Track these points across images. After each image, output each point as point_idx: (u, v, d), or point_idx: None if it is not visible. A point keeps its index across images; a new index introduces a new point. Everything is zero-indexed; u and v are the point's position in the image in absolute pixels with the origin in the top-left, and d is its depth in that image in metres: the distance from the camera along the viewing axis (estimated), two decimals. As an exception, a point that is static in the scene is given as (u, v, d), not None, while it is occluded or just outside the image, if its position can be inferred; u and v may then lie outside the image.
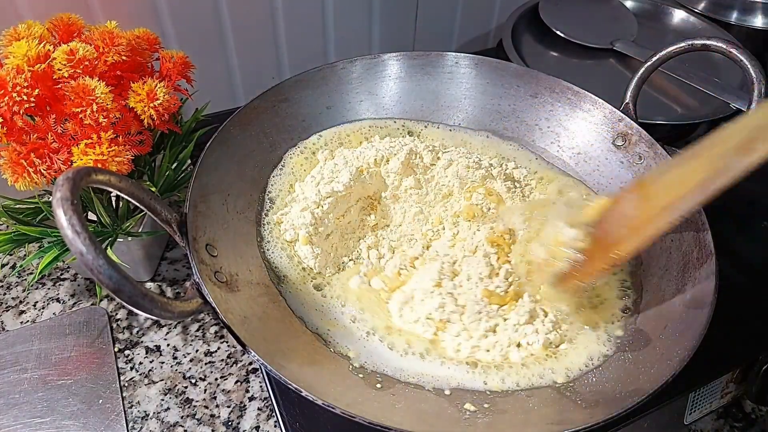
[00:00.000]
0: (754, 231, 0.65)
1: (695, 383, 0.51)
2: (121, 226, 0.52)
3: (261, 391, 0.52)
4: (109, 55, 0.46)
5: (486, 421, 0.41)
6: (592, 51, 0.82)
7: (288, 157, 0.58)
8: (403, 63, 0.64)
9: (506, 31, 0.80)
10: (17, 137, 0.43)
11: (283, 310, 0.47)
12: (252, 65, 0.78)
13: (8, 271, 0.61)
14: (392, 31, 0.85)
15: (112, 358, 0.54)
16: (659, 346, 0.43)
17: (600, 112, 0.59)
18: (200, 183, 0.48)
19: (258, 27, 0.75)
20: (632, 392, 0.39)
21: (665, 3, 0.89)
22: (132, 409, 0.51)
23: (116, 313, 0.58)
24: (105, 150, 0.43)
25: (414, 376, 0.45)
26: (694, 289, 0.45)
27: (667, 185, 0.41)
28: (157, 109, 0.47)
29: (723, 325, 0.43)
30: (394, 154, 0.56)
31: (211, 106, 0.62)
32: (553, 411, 0.41)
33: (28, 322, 0.57)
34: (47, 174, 0.43)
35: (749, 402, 0.56)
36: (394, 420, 0.38)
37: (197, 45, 0.72)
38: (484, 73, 0.64)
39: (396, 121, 0.64)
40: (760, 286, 0.60)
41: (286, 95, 0.60)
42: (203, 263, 0.43)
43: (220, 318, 0.39)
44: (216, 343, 0.56)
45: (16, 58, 0.43)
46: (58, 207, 0.30)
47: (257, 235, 0.52)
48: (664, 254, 0.50)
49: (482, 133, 0.63)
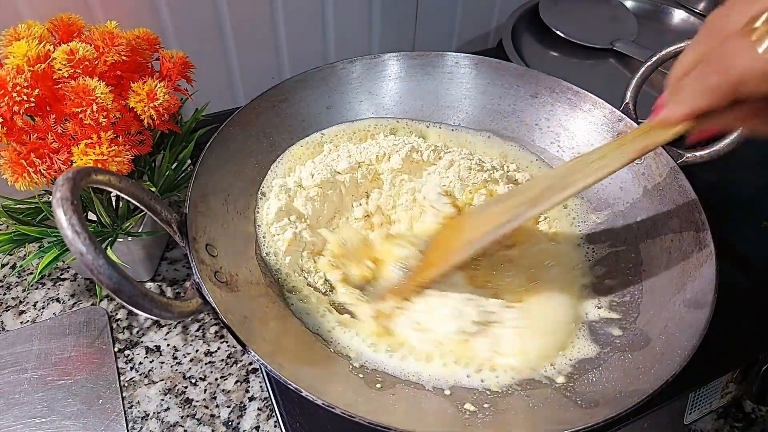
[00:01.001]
0: (754, 231, 0.65)
1: (695, 383, 0.51)
2: (121, 226, 0.52)
3: (261, 391, 0.52)
4: (109, 55, 0.46)
5: (486, 421, 0.41)
6: (592, 51, 0.82)
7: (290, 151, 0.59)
8: (403, 63, 0.64)
9: (506, 31, 0.80)
10: (17, 137, 0.43)
11: (283, 310, 0.47)
12: (252, 65, 0.78)
13: (8, 271, 0.61)
14: (392, 31, 0.85)
15: (112, 358, 0.54)
16: (659, 346, 0.43)
17: (600, 112, 0.59)
18: (200, 183, 0.48)
19: (258, 27, 0.75)
20: (632, 392, 0.39)
21: (665, 3, 0.89)
22: (132, 409, 0.51)
23: (116, 313, 0.58)
24: (105, 150, 0.43)
25: (414, 374, 0.45)
26: (694, 289, 0.45)
27: (474, 222, 0.49)
28: (157, 109, 0.47)
29: (723, 325, 0.43)
30: (396, 151, 0.57)
31: (211, 106, 0.62)
32: (553, 411, 0.41)
33: (28, 322, 0.57)
34: (47, 174, 0.43)
35: (749, 402, 0.56)
36: (394, 420, 0.38)
37: (197, 45, 0.72)
38: (484, 73, 0.64)
39: (399, 120, 0.64)
40: (760, 286, 0.60)
41: (286, 95, 0.60)
42: (203, 263, 0.43)
43: (220, 318, 0.39)
44: (216, 343, 0.56)
45: (16, 58, 0.43)
46: (58, 207, 0.30)
47: (257, 235, 0.52)
48: (664, 254, 0.50)
49: (483, 134, 0.63)
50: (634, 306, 0.48)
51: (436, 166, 0.58)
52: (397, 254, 0.53)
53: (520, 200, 0.46)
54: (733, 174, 0.69)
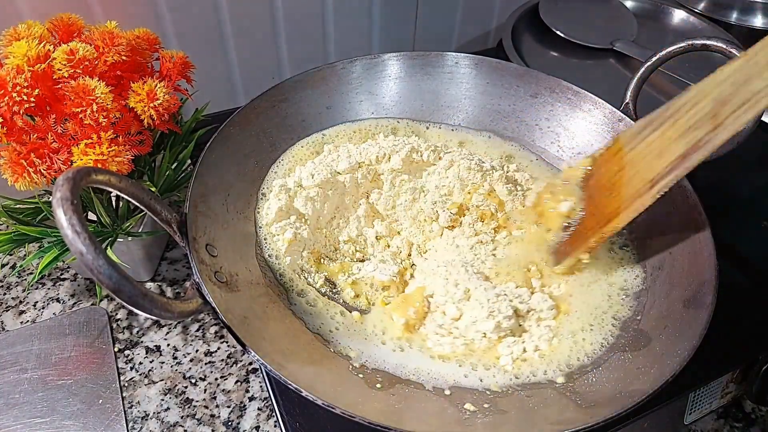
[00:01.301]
0: (754, 231, 0.65)
1: (695, 383, 0.51)
2: (121, 226, 0.52)
3: (261, 391, 0.52)
4: (109, 55, 0.46)
5: (486, 421, 0.41)
6: (592, 51, 0.82)
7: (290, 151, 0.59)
8: (403, 63, 0.64)
9: (506, 31, 0.80)
10: (17, 137, 0.43)
11: (283, 310, 0.47)
12: (252, 65, 0.78)
13: (8, 271, 0.61)
14: (392, 31, 0.85)
15: (112, 358, 0.54)
16: (659, 346, 0.43)
17: (600, 112, 0.59)
18: (200, 183, 0.48)
19: (258, 27, 0.75)
20: (632, 392, 0.39)
21: (665, 3, 0.89)
22: (132, 409, 0.51)
23: (116, 313, 0.58)
24: (105, 150, 0.43)
25: (413, 373, 0.45)
26: (694, 289, 0.45)
27: (645, 155, 0.42)
28: (157, 109, 0.47)
29: (723, 325, 0.43)
30: (396, 152, 0.57)
31: (211, 106, 0.62)
32: (553, 411, 0.41)
33: (28, 322, 0.57)
34: (47, 174, 0.43)
35: (749, 402, 0.56)
36: (394, 420, 0.38)
37: (197, 45, 0.72)
38: (484, 73, 0.64)
39: (399, 120, 0.64)
40: (760, 286, 0.60)
41: (286, 95, 0.60)
42: (203, 263, 0.43)
43: (220, 318, 0.39)
44: (216, 343, 0.56)
45: (16, 58, 0.43)
46: (58, 207, 0.30)
47: (257, 235, 0.52)
48: (664, 254, 0.50)
49: (484, 134, 0.63)
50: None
51: (435, 167, 0.58)
52: (557, 211, 0.45)
53: (692, 119, 0.37)
54: (733, 174, 0.69)
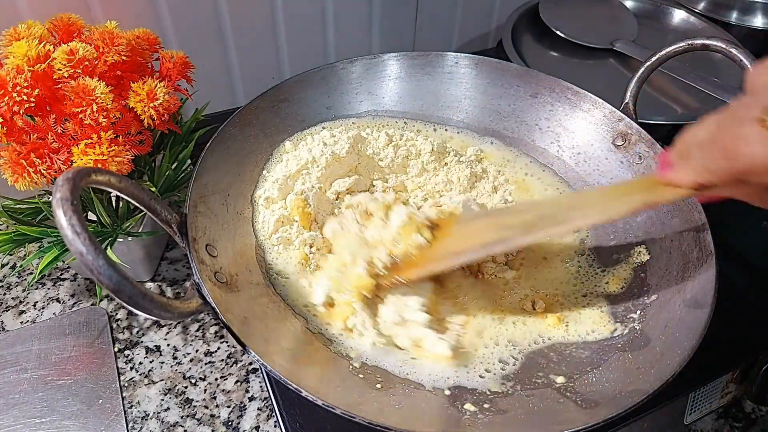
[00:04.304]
0: (754, 231, 0.65)
1: (695, 383, 0.52)
2: (121, 226, 0.52)
3: (261, 391, 0.52)
4: (109, 55, 0.46)
5: (486, 421, 0.41)
6: (592, 51, 0.82)
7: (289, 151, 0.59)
8: (403, 63, 0.64)
9: (506, 31, 0.80)
10: (17, 137, 0.43)
11: (283, 310, 0.47)
12: (252, 65, 0.78)
13: (8, 271, 0.61)
14: (392, 31, 0.85)
15: (112, 358, 0.54)
16: (659, 346, 0.43)
17: (600, 112, 0.59)
18: (200, 183, 0.48)
19: (258, 27, 0.75)
20: (632, 392, 0.39)
21: (665, 3, 0.89)
22: (132, 409, 0.51)
23: (116, 313, 0.58)
24: (105, 150, 0.43)
25: (413, 374, 0.45)
26: (694, 289, 0.45)
27: (461, 233, 0.47)
28: (157, 109, 0.47)
29: (723, 325, 0.43)
30: (396, 152, 0.57)
31: (211, 106, 0.62)
32: (553, 411, 0.41)
33: (28, 322, 0.57)
34: (47, 174, 0.43)
35: (749, 402, 0.56)
36: (394, 420, 0.38)
37: (197, 45, 0.72)
38: (484, 73, 0.64)
39: (399, 120, 0.64)
40: (760, 286, 0.60)
41: (286, 95, 0.60)
42: (203, 263, 0.43)
43: (220, 318, 0.39)
44: (216, 343, 0.56)
45: (16, 58, 0.43)
46: (58, 207, 0.30)
47: (257, 236, 0.52)
48: (664, 254, 0.50)
49: (484, 134, 0.63)
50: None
51: (435, 167, 0.58)
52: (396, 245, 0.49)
53: (513, 221, 0.45)
54: (733, 174, 0.69)
